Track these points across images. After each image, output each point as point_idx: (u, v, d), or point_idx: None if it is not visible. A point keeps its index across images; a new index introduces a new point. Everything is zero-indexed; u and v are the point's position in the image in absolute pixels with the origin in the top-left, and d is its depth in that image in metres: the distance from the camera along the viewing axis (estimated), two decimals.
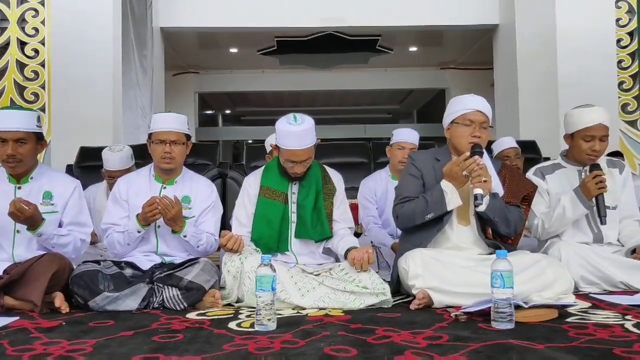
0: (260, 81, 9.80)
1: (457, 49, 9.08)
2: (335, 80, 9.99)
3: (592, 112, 2.41)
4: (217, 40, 8.28)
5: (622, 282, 2.24)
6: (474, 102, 2.19)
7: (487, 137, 2.20)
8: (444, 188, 2.11)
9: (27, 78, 6.69)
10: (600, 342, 1.46)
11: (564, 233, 2.46)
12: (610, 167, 2.51)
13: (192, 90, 9.53)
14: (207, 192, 2.35)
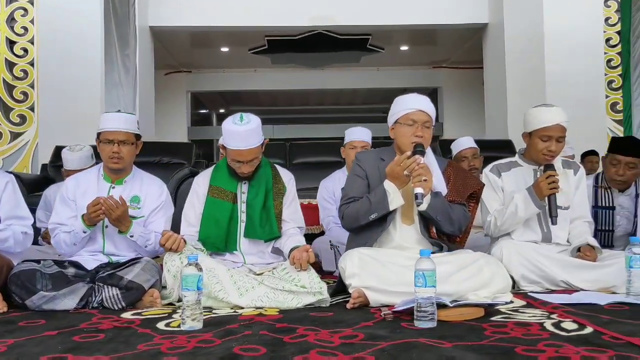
0: (252, 80, 9.83)
1: (449, 48, 9.08)
2: (327, 79, 10.02)
3: (550, 112, 2.42)
4: (208, 39, 8.31)
5: (563, 280, 2.26)
6: (417, 102, 2.21)
7: (430, 136, 2.22)
8: (387, 188, 2.13)
9: (16, 77, 6.76)
10: (510, 340, 1.48)
11: (514, 231, 2.47)
12: (565, 167, 2.53)
13: (184, 90, 9.57)
14: (157, 192, 2.37)
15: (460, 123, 9.66)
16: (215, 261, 2.13)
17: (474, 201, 2.40)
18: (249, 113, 2.25)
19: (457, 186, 2.26)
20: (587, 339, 1.49)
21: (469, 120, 9.41)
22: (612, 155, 2.72)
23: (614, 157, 2.70)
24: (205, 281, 1.99)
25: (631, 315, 1.77)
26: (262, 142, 2.25)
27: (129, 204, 2.24)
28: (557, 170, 2.45)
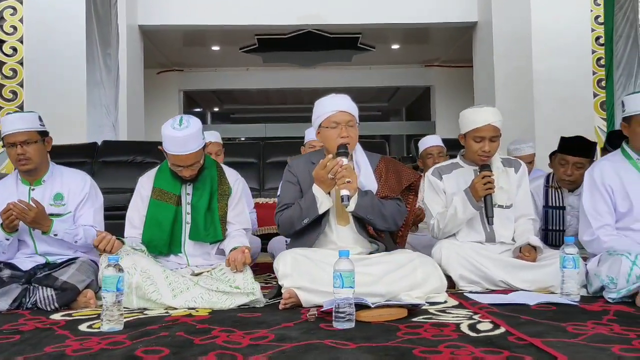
0: (244, 79, 9.86)
1: (441, 47, 9.06)
2: (320, 78, 10.01)
3: (481, 112, 2.42)
4: (199, 38, 8.34)
5: (502, 280, 2.27)
6: (336, 104, 2.22)
7: (355, 135, 2.22)
8: (314, 192, 2.14)
9: (5, 76, 6.82)
10: (416, 341, 1.49)
11: (458, 233, 2.47)
12: (506, 166, 2.52)
13: (176, 88, 9.61)
14: (80, 185, 2.35)
15: (452, 121, 9.53)
16: (152, 262, 2.13)
17: (413, 193, 2.41)
18: (191, 116, 2.24)
19: (390, 182, 2.27)
20: (492, 340, 1.50)
21: None
22: (560, 155, 2.71)
23: (563, 157, 2.69)
24: (139, 282, 2.02)
25: (552, 316, 1.77)
26: (203, 146, 2.25)
27: (53, 202, 2.24)
28: (497, 169, 2.46)
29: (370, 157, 2.33)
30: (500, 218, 2.45)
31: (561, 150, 2.72)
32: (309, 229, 2.20)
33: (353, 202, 2.10)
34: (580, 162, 2.64)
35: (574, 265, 2.05)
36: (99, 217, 2.36)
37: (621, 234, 2.23)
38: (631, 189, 2.23)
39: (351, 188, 2.06)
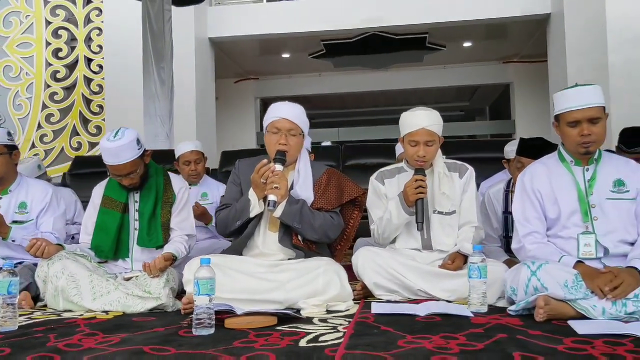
0: (318, 84, 10.08)
1: (518, 42, 8.60)
2: (393, 80, 9.95)
3: (414, 116, 2.35)
4: (269, 47, 8.71)
5: (420, 289, 2.18)
6: (281, 111, 2.28)
7: (296, 144, 2.27)
8: (249, 196, 2.23)
9: (93, 91, 7.71)
10: (245, 350, 1.48)
11: (397, 239, 2.42)
12: (451, 170, 2.42)
13: (252, 96, 10.08)
14: (42, 195, 2.63)
15: (532, 119, 9.07)
16: (80, 267, 2.26)
17: (357, 208, 2.41)
18: (128, 128, 2.39)
19: (328, 194, 2.29)
20: (310, 352, 1.45)
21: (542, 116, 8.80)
22: (517, 157, 2.53)
23: (519, 159, 2.51)
24: (64, 286, 2.20)
25: (422, 328, 1.69)
26: (138, 156, 2.38)
27: (17, 210, 2.54)
28: (438, 174, 2.37)
29: (316, 168, 2.37)
30: (442, 225, 2.37)
31: (518, 152, 2.53)
32: (242, 232, 2.28)
33: (280, 209, 2.15)
34: None
35: (479, 275, 1.94)
36: (58, 224, 2.61)
37: (551, 241, 2.06)
38: (560, 194, 2.05)
39: (278, 194, 2.13)
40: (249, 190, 2.25)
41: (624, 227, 2.00)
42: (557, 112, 2.06)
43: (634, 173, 2.04)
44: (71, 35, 7.66)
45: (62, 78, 7.71)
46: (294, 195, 2.22)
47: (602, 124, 2.01)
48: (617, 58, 6.03)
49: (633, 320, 1.76)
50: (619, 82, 5.97)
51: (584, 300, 1.80)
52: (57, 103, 7.66)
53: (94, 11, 7.61)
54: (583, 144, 2.00)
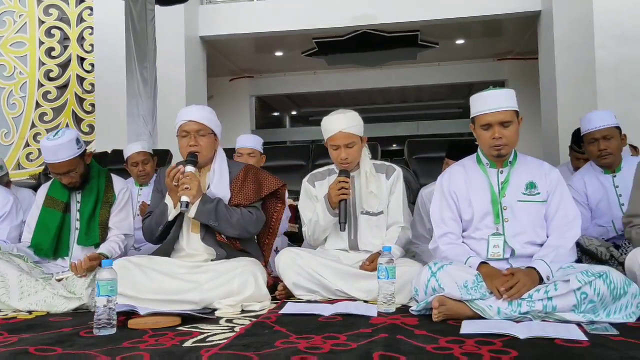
0: (313, 82, 10.11)
1: (511, 39, 8.54)
2: (388, 77, 9.94)
3: (332, 120, 2.38)
4: (262, 45, 8.75)
5: (338, 289, 2.22)
6: (186, 114, 2.33)
7: (206, 144, 2.32)
8: (166, 200, 2.29)
9: (86, 90, 7.83)
10: (125, 350, 1.54)
11: (327, 240, 2.46)
12: (378, 172, 2.45)
13: (247, 94, 10.14)
14: (2, 203, 2.72)
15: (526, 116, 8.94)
16: (10, 267, 2.30)
17: (280, 201, 2.45)
18: (69, 129, 2.48)
19: (246, 190, 2.34)
20: (186, 352, 1.49)
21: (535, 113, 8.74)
22: (446, 160, 2.55)
23: (447, 162, 2.53)
24: None
25: (314, 329, 1.72)
26: (77, 155, 2.45)
27: None
28: (365, 174, 2.40)
29: (234, 166, 2.42)
30: (369, 225, 2.41)
31: (446, 154, 2.56)
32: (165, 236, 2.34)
33: (194, 208, 2.21)
34: None
35: (386, 276, 1.97)
36: (13, 234, 2.68)
37: (465, 242, 2.09)
38: (475, 196, 2.08)
39: (190, 194, 2.18)
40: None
41: (532, 229, 2.02)
42: (472, 115, 2.08)
43: (546, 176, 2.06)
44: (64, 35, 7.78)
45: (55, 77, 7.83)
46: (210, 194, 2.27)
47: (514, 127, 2.03)
48: (604, 55, 5.98)
49: (526, 320, 1.78)
50: (606, 78, 5.93)
51: (481, 301, 1.83)
52: (51, 102, 7.78)
53: (86, 10, 7.71)
54: (495, 147, 2.02)
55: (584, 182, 2.74)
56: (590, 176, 2.73)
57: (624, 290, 1.77)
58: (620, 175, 2.63)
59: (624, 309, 1.77)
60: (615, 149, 2.65)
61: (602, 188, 2.67)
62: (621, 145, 2.70)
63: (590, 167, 2.77)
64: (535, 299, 1.79)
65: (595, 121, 2.69)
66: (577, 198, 2.71)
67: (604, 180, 2.70)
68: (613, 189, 2.63)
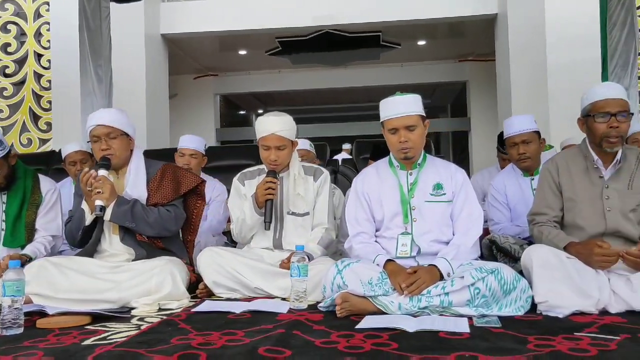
0: (278, 81, 10.14)
1: (472, 41, 8.71)
2: (352, 77, 10.03)
3: (267, 122, 2.44)
4: (225, 43, 8.75)
5: (257, 287, 2.27)
6: (94, 118, 2.38)
7: (119, 146, 2.34)
8: (82, 205, 2.31)
9: (43, 87, 7.72)
10: (22, 349, 1.56)
11: (252, 238, 2.52)
12: (307, 174, 2.52)
13: (212, 92, 10.12)
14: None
15: (486, 117, 9.19)
16: None
17: (200, 198, 2.50)
18: None
19: (163, 189, 2.38)
20: (80, 351, 1.52)
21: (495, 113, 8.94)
22: (369, 161, 2.63)
23: (370, 164, 2.61)
24: None
25: (219, 326, 1.77)
26: (1, 156, 2.46)
27: None
28: (293, 176, 2.46)
29: (152, 165, 2.45)
30: (295, 225, 2.48)
31: (369, 156, 2.64)
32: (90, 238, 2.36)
33: (109, 211, 2.24)
34: None
35: (298, 274, 2.04)
36: None
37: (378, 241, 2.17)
38: (385, 197, 2.16)
39: (104, 198, 2.21)
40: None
41: (439, 228, 2.11)
42: (381, 119, 2.16)
43: (452, 177, 2.15)
44: (20, 30, 7.66)
45: (12, 74, 7.70)
46: (126, 195, 2.31)
47: (419, 131, 2.11)
48: (555, 58, 6.17)
49: (425, 314, 1.86)
50: (557, 81, 6.12)
51: (384, 297, 1.90)
52: (7, 99, 7.65)
53: (43, 6, 7.60)
54: (402, 150, 2.10)
55: (504, 183, 2.85)
56: (510, 178, 2.84)
57: (513, 285, 1.87)
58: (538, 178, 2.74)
59: (514, 303, 1.87)
60: (534, 153, 2.76)
61: (520, 190, 2.78)
62: (540, 150, 2.81)
63: (511, 169, 2.88)
64: (434, 294, 1.88)
65: (515, 126, 2.80)
66: (498, 198, 2.82)
67: (522, 182, 2.81)
68: (530, 191, 2.73)
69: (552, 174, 2.17)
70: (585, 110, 2.13)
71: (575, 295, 1.85)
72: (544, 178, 2.20)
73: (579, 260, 1.95)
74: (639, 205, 2.05)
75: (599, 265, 1.92)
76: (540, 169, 2.31)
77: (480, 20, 7.64)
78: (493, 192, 2.84)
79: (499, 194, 2.81)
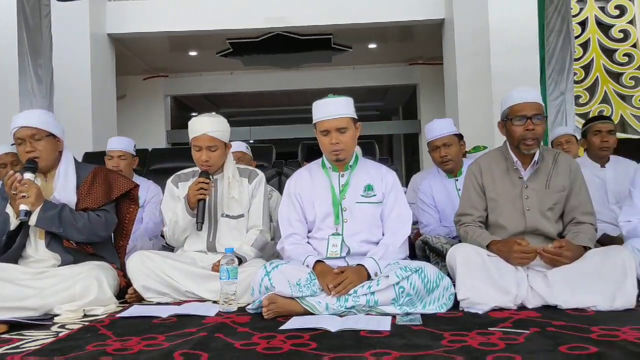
0: (230, 83, 10.05)
1: (422, 45, 8.86)
2: (304, 79, 10.05)
3: (199, 122, 2.41)
4: (175, 44, 8.60)
5: (188, 291, 2.24)
6: (18, 120, 2.30)
7: (45, 148, 2.26)
8: (6, 209, 2.23)
9: None
10: None
11: (186, 241, 2.48)
12: (242, 176, 2.51)
13: (162, 94, 9.94)
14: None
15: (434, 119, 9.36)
16: None
17: (133, 203, 2.45)
18: None
19: (94, 193, 2.32)
20: None
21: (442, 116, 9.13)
22: (304, 163, 2.65)
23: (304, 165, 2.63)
24: None
25: (141, 330, 1.75)
26: None
27: None
28: (227, 178, 2.45)
29: (83, 168, 2.39)
30: (229, 227, 2.46)
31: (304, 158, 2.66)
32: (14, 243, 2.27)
33: (34, 216, 2.16)
34: None
35: (227, 276, 2.03)
36: None
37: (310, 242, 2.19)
38: (317, 197, 2.18)
39: (29, 203, 2.14)
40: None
41: (369, 229, 2.14)
42: (313, 121, 2.18)
43: (383, 179, 2.19)
44: None
45: None
46: (54, 200, 2.24)
47: (350, 133, 2.14)
48: (498, 63, 6.37)
49: (351, 314, 1.89)
50: (501, 85, 6.29)
51: (312, 297, 1.92)
52: None
53: None
54: (333, 152, 2.12)
55: (430, 186, 2.92)
56: (436, 181, 2.91)
57: (436, 283, 1.91)
58: (462, 179, 2.82)
59: (437, 301, 1.92)
60: (455, 155, 2.83)
61: (445, 191, 2.86)
62: (461, 151, 2.90)
63: (436, 172, 2.96)
64: (360, 294, 1.90)
65: (436, 130, 2.87)
66: (426, 201, 2.90)
67: (447, 184, 2.88)
68: (456, 192, 2.81)
69: (476, 175, 2.24)
70: (504, 114, 2.21)
71: (495, 292, 1.91)
72: (469, 180, 2.27)
73: (500, 257, 2.02)
74: (556, 204, 2.14)
75: (518, 262, 1.99)
76: (465, 171, 2.38)
77: (429, 25, 7.79)
78: (421, 195, 2.91)
79: (427, 197, 2.88)
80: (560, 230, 2.18)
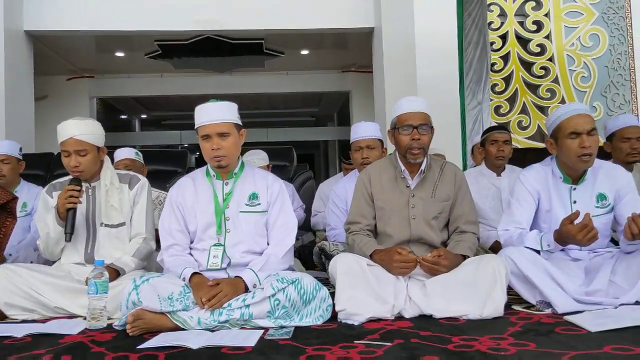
0: (160, 85, 9.78)
1: (355, 52, 8.92)
2: (237, 84, 9.93)
3: (66, 126, 2.26)
4: (100, 44, 8.27)
5: (57, 307, 2.08)
6: None
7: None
8: None
9: None
10: None
11: (62, 254, 2.32)
12: (122, 182, 2.37)
13: (87, 95, 9.55)
14: None
15: None
16: None
17: (11, 216, 2.28)
18: None
19: None
20: None
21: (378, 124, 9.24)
22: None
23: None
24: None
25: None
26: None
27: None
28: (105, 186, 2.31)
29: None
30: (109, 237, 2.31)
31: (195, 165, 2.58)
32: None
33: None
34: None
35: (96, 291, 1.90)
36: None
37: (192, 253, 2.10)
38: (200, 207, 2.12)
39: None
40: None
41: (252, 238, 2.07)
42: (195, 126, 2.10)
43: (268, 187, 2.13)
44: None
45: None
46: None
47: (232, 139, 2.07)
48: (424, 72, 6.48)
49: (225, 328, 1.80)
50: (426, 94, 6.35)
51: (184, 312, 1.82)
52: None
53: None
54: (214, 158, 2.05)
55: (346, 190, 2.89)
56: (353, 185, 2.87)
57: (313, 295, 1.86)
58: None
59: (314, 312, 1.87)
60: (375, 159, 2.81)
61: None
62: (381, 157, 2.90)
63: (354, 177, 2.93)
64: (235, 307, 1.82)
65: (362, 131, 2.87)
66: (338, 204, 2.86)
67: None
68: None
69: (365, 184, 2.22)
70: (393, 123, 2.20)
71: (373, 302, 1.88)
72: (358, 188, 2.25)
73: (382, 267, 2.00)
74: (441, 213, 2.15)
75: (398, 272, 1.97)
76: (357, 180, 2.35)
77: (360, 33, 7.86)
78: (334, 197, 2.88)
79: (340, 200, 2.85)
80: (445, 239, 2.19)
